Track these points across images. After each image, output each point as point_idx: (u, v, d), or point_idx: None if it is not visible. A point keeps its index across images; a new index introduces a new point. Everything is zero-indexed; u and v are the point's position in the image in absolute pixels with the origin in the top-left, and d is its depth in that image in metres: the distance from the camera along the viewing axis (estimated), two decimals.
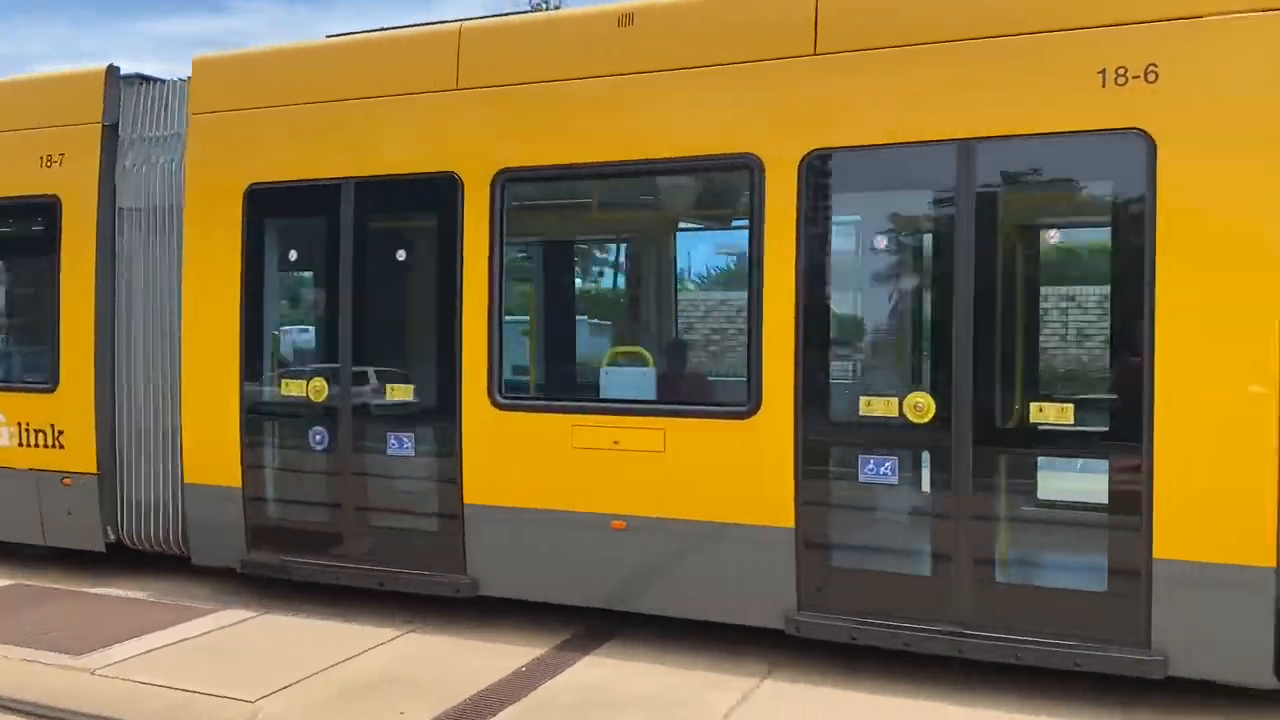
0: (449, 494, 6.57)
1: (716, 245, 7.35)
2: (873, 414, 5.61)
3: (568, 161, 6.34)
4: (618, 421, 6.19)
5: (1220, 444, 4.93)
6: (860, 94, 5.61)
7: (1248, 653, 4.92)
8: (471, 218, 6.42)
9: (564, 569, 6.28)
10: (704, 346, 7.61)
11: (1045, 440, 5.37)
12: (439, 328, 6.63)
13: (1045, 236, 5.66)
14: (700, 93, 5.92)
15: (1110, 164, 5.29)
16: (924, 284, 6.08)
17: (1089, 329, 5.42)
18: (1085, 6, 5.21)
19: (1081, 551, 5.49)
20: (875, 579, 5.77)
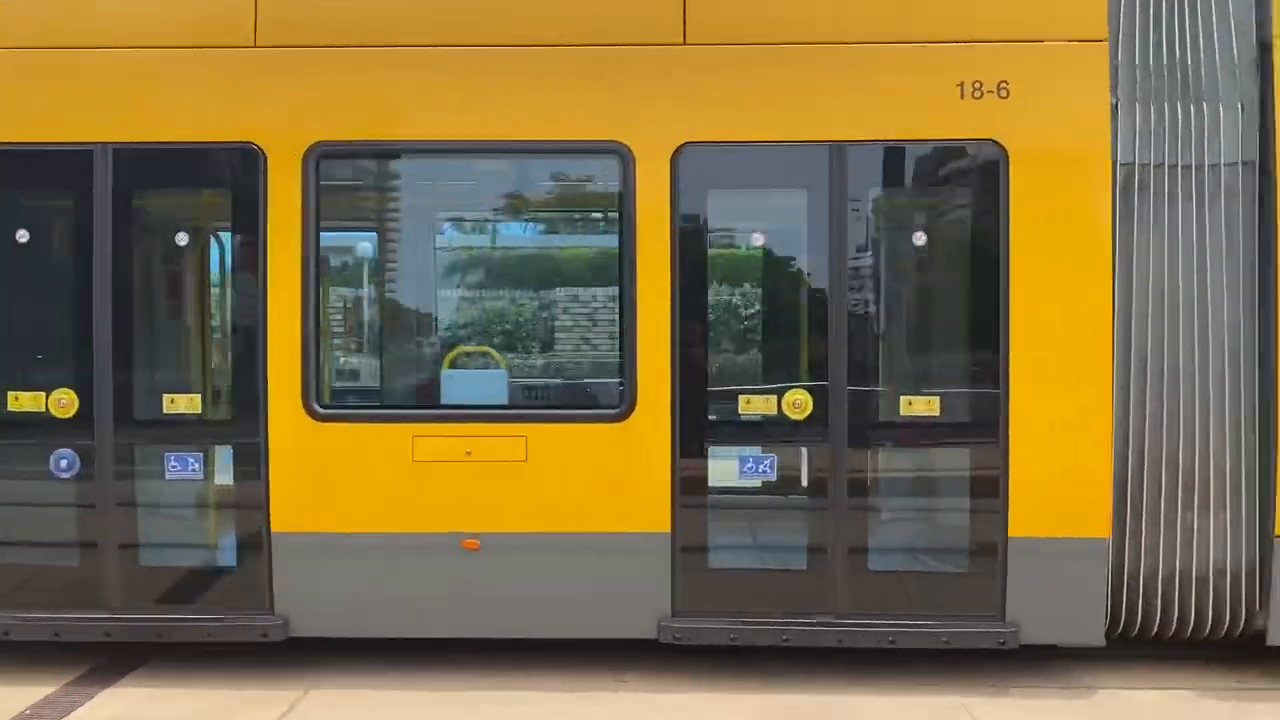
0: (251, 522, 5.62)
1: (581, 237, 6.89)
2: (752, 412, 5.59)
3: (398, 138, 5.68)
4: (470, 430, 5.59)
5: (1065, 431, 5.47)
6: (734, 89, 5.55)
7: (1086, 617, 5.53)
8: (277, 197, 5.51)
9: (402, 598, 5.59)
10: (567, 345, 7.09)
11: (917, 430, 5.65)
12: (235, 325, 5.73)
13: (913, 239, 5.99)
14: (564, 74, 5.56)
15: (969, 171, 5.67)
16: (787, 280, 6.15)
17: (949, 323, 5.81)
18: (946, 22, 5.54)
19: (942, 535, 5.86)
20: (752, 578, 5.76)
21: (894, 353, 5.93)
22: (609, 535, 5.57)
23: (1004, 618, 5.53)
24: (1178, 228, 5.58)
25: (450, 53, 5.56)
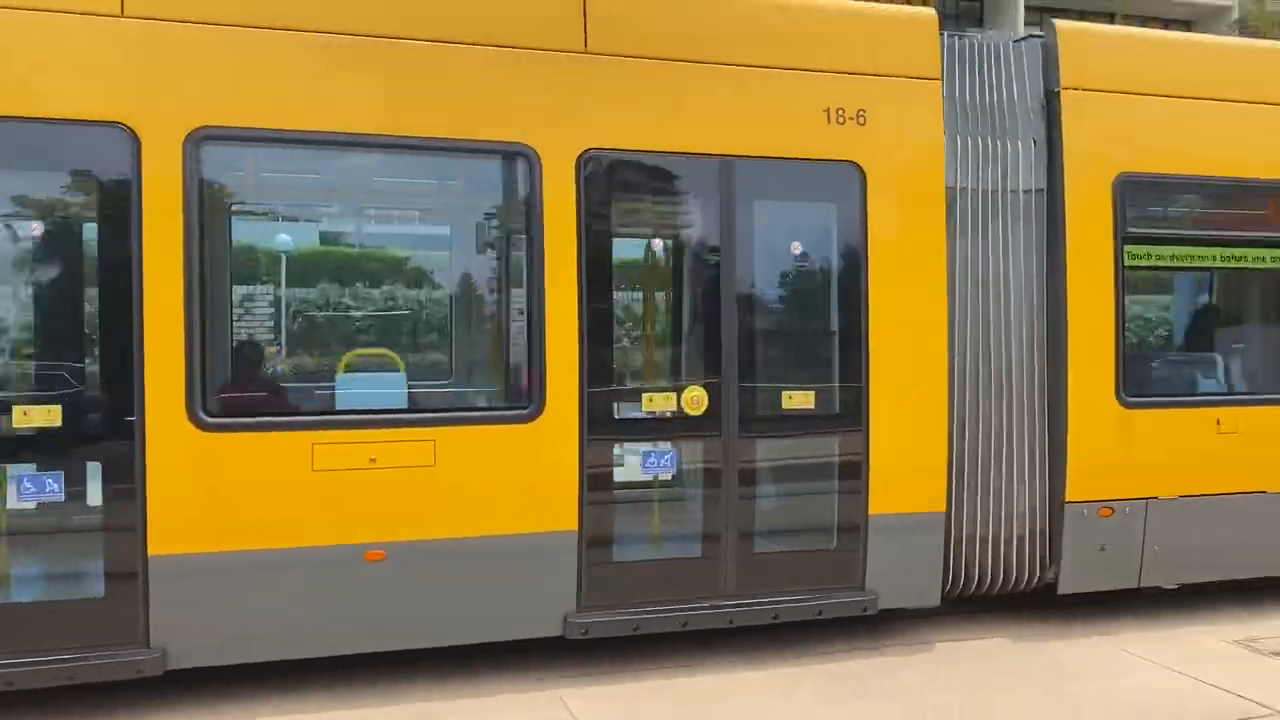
0: (123, 546, 5.07)
1: (489, 235, 6.64)
2: (654, 409, 5.89)
3: (294, 127, 5.31)
4: (375, 435, 5.39)
5: (913, 419, 6.25)
6: (636, 100, 5.83)
7: (927, 581, 6.39)
8: (153, 185, 5.05)
9: (296, 618, 5.32)
10: (474, 346, 6.81)
11: (796, 422, 6.23)
12: (104, 325, 5.13)
13: (791, 248, 6.48)
14: (473, 73, 5.57)
15: (827, 189, 6.28)
16: (684, 283, 6.50)
17: (823, 324, 6.40)
18: (816, 53, 6.21)
19: (816, 517, 6.42)
20: (653, 569, 6.07)
21: (776, 351, 6.43)
22: (517, 537, 5.60)
23: (864, 587, 6.27)
24: (990, 242, 6.60)
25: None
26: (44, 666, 4.95)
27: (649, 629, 5.85)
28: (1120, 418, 6.74)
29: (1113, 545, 6.75)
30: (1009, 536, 6.66)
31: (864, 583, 6.26)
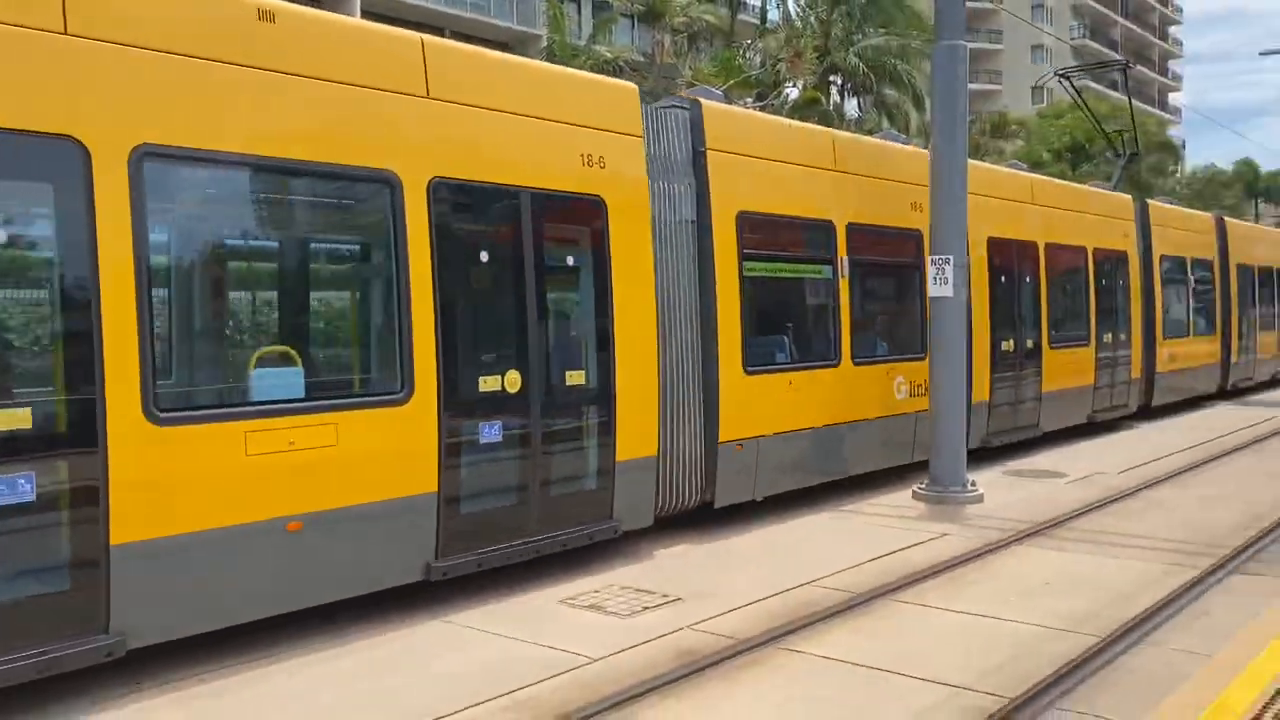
0: (87, 538, 5.41)
1: (356, 248, 7.53)
2: (488, 389, 7.46)
3: (210, 147, 6.05)
4: (293, 422, 6.21)
5: (641, 386, 8.60)
6: (468, 139, 7.39)
7: (647, 508, 8.84)
8: (104, 196, 5.47)
9: (235, 587, 6.04)
10: (354, 342, 7.59)
11: (574, 394, 8.17)
12: (67, 328, 5.51)
13: (566, 260, 8.41)
14: (338, 106, 6.63)
15: (589, 213, 8.30)
16: (506, 288, 7.88)
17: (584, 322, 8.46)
18: (578, 112, 8.24)
19: (582, 465, 8.28)
20: (489, 518, 7.54)
21: (561, 340, 8.39)
22: (396, 500, 6.77)
23: (613, 517, 8.31)
24: (671, 256, 9.05)
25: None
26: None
27: (488, 565, 7.42)
28: (744, 382, 9.67)
29: (743, 470, 9.72)
30: (688, 470, 9.26)
31: (613, 514, 8.33)
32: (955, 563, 7.99)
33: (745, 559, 8.33)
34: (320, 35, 6.59)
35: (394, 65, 6.93)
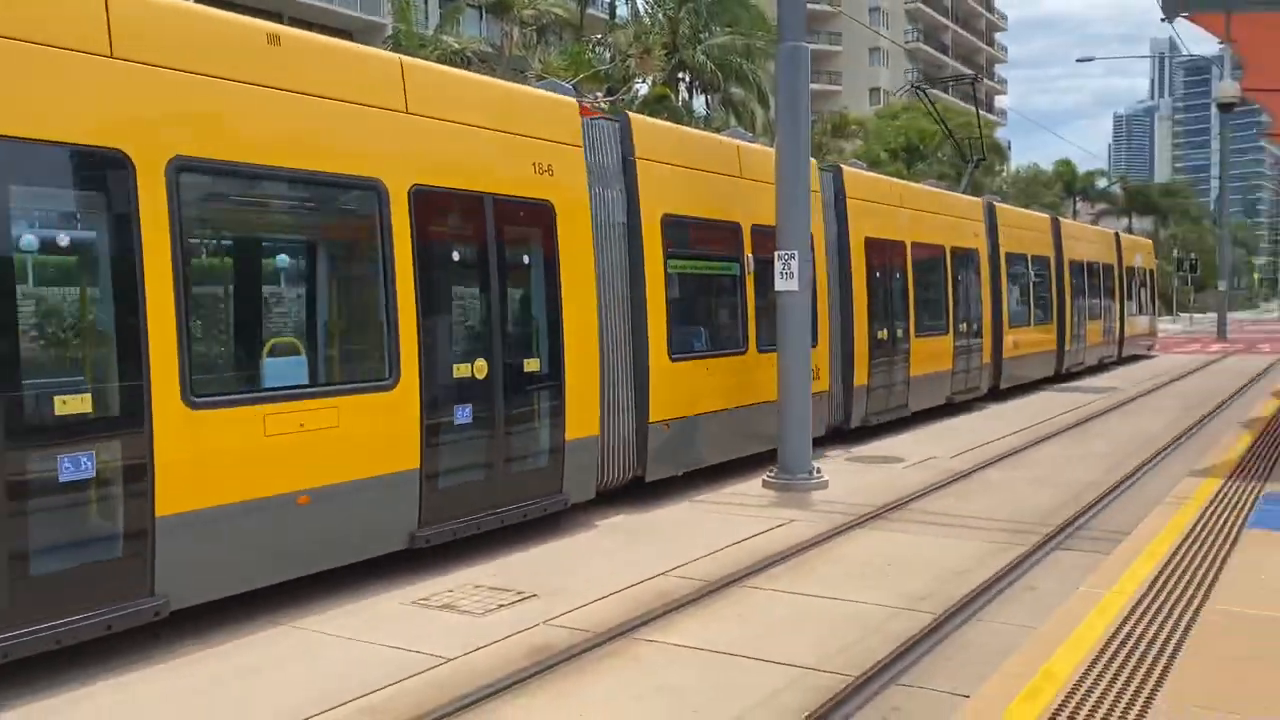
0: (136, 511, 5.93)
1: (350, 249, 8.12)
2: (460, 376, 8.05)
3: (247, 160, 6.64)
4: (302, 405, 6.82)
5: (585, 373, 9.30)
6: (443, 151, 8.00)
7: (590, 482, 9.49)
8: (146, 204, 5.98)
9: (256, 555, 6.59)
10: (349, 334, 8.17)
11: (533, 379, 8.81)
12: (118, 323, 5.99)
13: (522, 259, 9.08)
14: (330, 118, 7.15)
15: (535, 219, 8.83)
16: (476, 286, 8.52)
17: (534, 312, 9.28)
18: (531, 126, 8.86)
19: (531, 445, 8.81)
20: (456, 491, 8.01)
21: (518, 333, 8.95)
22: (385, 475, 7.37)
23: (562, 490, 8.95)
24: (609, 254, 9.79)
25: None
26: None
27: (463, 534, 8.05)
28: (669, 368, 10.42)
29: (669, 448, 10.49)
30: (623, 448, 9.98)
31: (563, 488, 8.99)
32: (803, 548, 8.24)
33: (599, 552, 8.38)
34: (318, 56, 7.21)
35: (378, 83, 7.52)
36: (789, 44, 10.95)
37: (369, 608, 6.91)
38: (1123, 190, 74.17)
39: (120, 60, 5.88)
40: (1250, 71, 13.07)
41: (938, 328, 16.89)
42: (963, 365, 17.72)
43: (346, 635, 6.33)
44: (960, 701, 4.80)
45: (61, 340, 6.17)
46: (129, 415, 5.90)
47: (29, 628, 5.36)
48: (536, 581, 7.39)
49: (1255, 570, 6.58)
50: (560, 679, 5.57)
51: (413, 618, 6.67)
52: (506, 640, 6.15)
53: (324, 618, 6.69)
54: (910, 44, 78.80)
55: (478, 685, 5.43)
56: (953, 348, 17.36)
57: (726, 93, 33.99)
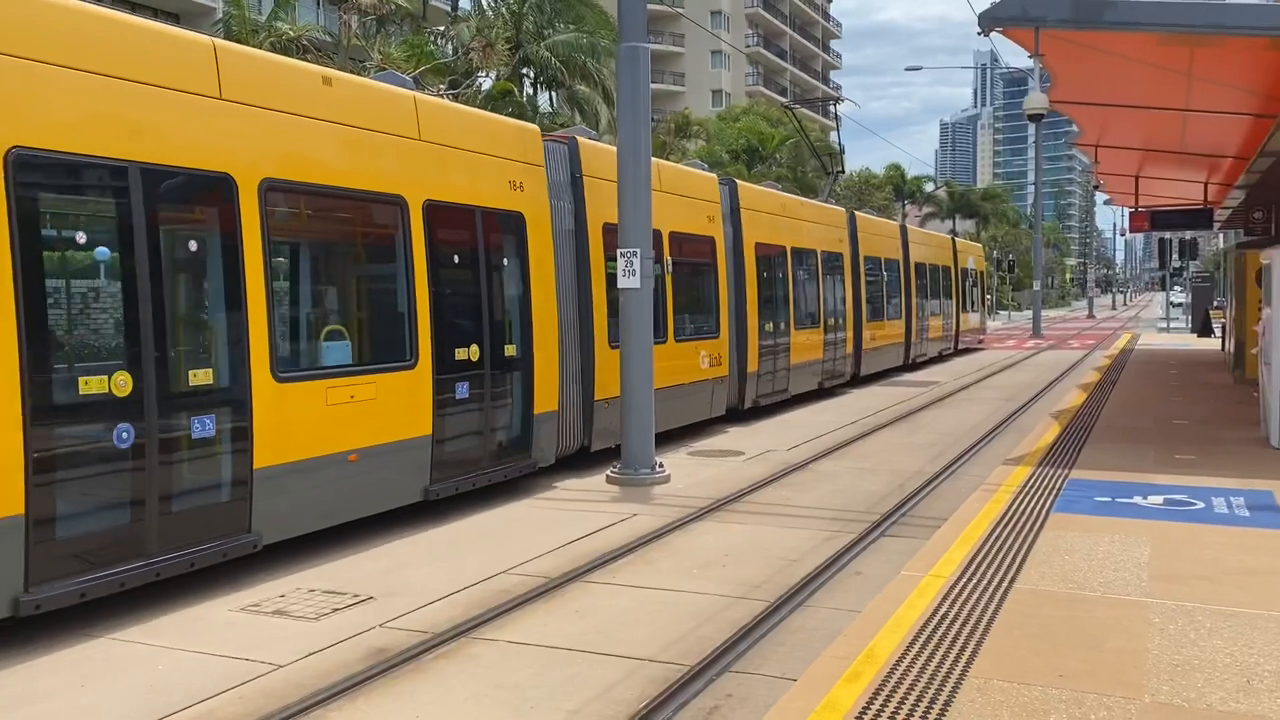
0: (240, 464, 7.30)
1: (381, 253, 9.46)
2: (460, 358, 9.56)
3: (312, 180, 8.15)
4: (352, 380, 8.33)
5: (548, 359, 10.90)
6: (447, 170, 9.62)
7: (551, 449, 11.02)
8: (246, 217, 7.39)
9: (318, 503, 8.00)
10: (381, 323, 9.43)
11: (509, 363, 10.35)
12: (228, 313, 7.39)
13: (503, 262, 10.54)
14: (366, 145, 8.66)
15: (511, 228, 10.54)
16: (479, 282, 10.09)
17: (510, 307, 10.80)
18: (505, 149, 10.46)
19: (472, 424, 9.89)
20: (461, 454, 9.63)
21: (503, 322, 10.36)
22: (408, 439, 8.90)
23: (530, 456, 10.62)
24: (563, 257, 11.31)
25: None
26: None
27: (463, 489, 9.57)
28: (609, 354, 11.81)
29: (609, 422, 11.89)
30: (575, 422, 11.51)
31: (531, 453, 10.62)
32: (643, 541, 8.37)
33: (438, 553, 8.28)
34: (356, 92, 8.68)
35: (399, 114, 9.02)
36: (629, 45, 11.08)
37: (195, 617, 6.64)
38: (948, 194, 78.00)
39: (226, 101, 7.30)
40: (1058, 84, 13.96)
41: (812, 322, 19.02)
42: (831, 355, 19.94)
43: (170, 645, 6.07)
44: (789, 685, 4.98)
45: (194, 325, 7.52)
46: (237, 386, 7.30)
47: (172, 554, 6.77)
48: (374, 584, 7.25)
49: (1059, 552, 7.06)
50: (397, 681, 5.50)
51: (243, 625, 6.45)
52: (342, 644, 6.03)
53: (146, 628, 6.39)
54: (750, 48, 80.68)
55: (311, 691, 5.30)
56: (824, 340, 19.54)
57: (572, 90, 33.99)
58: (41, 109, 6.05)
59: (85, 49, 6.33)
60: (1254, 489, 9.08)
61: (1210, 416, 14.16)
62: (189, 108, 7.01)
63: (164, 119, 6.81)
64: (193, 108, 7.04)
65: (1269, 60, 11.53)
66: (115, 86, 6.50)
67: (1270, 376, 11.69)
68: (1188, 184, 23.62)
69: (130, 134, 6.56)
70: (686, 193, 14.36)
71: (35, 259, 5.95)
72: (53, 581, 6.04)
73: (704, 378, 14.49)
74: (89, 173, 6.53)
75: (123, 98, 6.54)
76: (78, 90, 6.26)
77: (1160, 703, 4.51)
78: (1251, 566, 6.67)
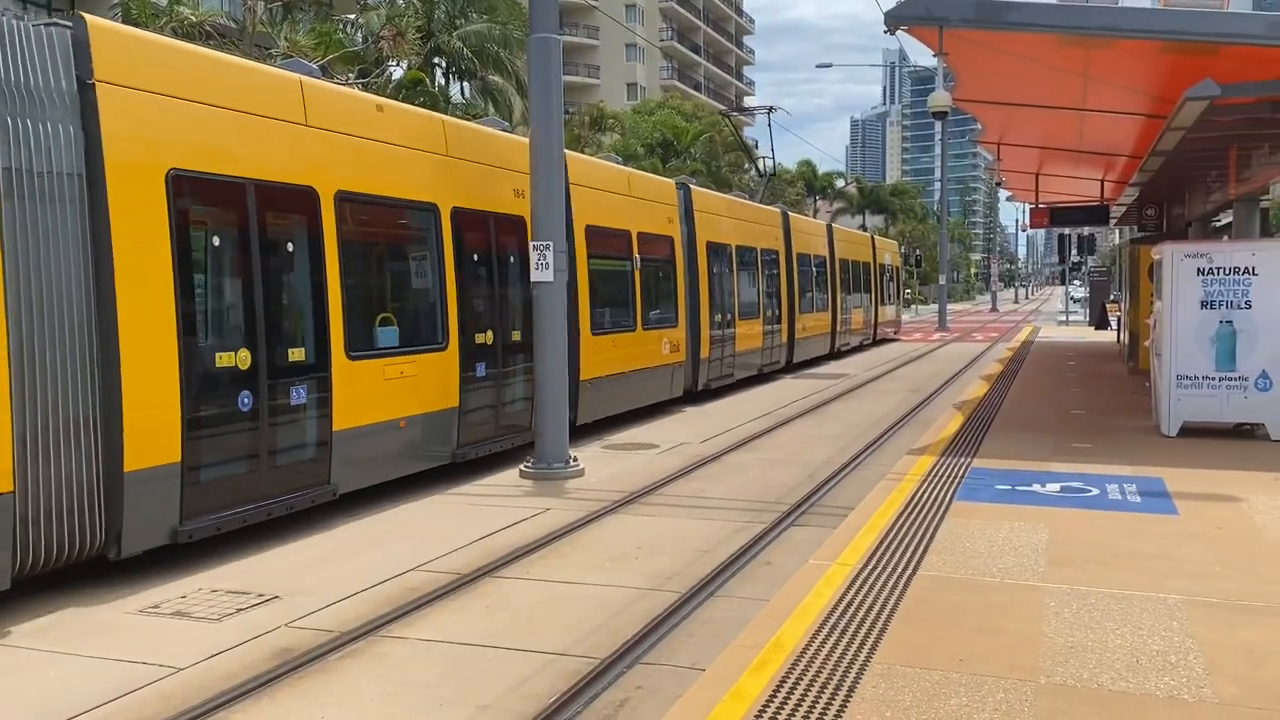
0: (322, 426, 8.86)
1: (419, 253, 10.81)
2: (479, 342, 11.23)
3: (371, 191, 9.75)
4: (401, 359, 9.93)
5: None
6: (469, 181, 11.28)
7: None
8: (326, 224, 8.99)
9: (377, 461, 9.67)
10: (420, 311, 10.84)
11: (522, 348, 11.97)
12: (314, 304, 8.97)
13: (510, 260, 12.05)
14: (408, 161, 10.28)
15: (516, 230, 11.97)
16: (495, 279, 11.74)
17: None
18: (509, 160, 11.96)
19: (489, 399, 11.48)
20: (481, 424, 11.26)
21: (507, 312, 11.80)
22: (441, 410, 10.55)
23: (529, 429, 11.72)
24: None
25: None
26: None
27: (486, 451, 11.30)
28: (592, 340, 13.72)
29: (591, 400, 13.56)
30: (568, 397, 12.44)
31: (531, 427, 11.73)
32: (556, 535, 8.35)
33: (345, 550, 8.14)
34: (400, 116, 10.47)
35: (431, 133, 10.66)
36: (539, 36, 11.01)
37: (90, 619, 6.42)
38: (857, 190, 79.36)
39: (310, 127, 8.89)
40: (961, 83, 14.31)
41: (753, 313, 20.85)
42: (769, 343, 21.88)
43: (63, 650, 5.85)
44: (698, 675, 5.02)
45: (292, 311, 8.90)
46: (322, 363, 8.83)
47: (277, 498, 8.32)
48: (280, 583, 7.10)
49: (960, 539, 7.25)
50: (302, 681, 5.39)
51: (140, 627, 6.26)
52: (245, 645, 5.89)
53: (37, 633, 6.15)
54: (665, 42, 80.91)
55: (213, 694, 5.17)
56: (762, 330, 21.36)
57: (485, 80, 33.64)
58: (188, 138, 7.68)
59: (213, 87, 7.96)
60: (1145, 476, 9.45)
61: (1106, 406, 14.69)
62: (285, 133, 8.61)
63: (268, 142, 8.41)
64: (287, 133, 8.64)
65: (1160, 63, 11.99)
66: (237, 118, 8.13)
67: (1161, 367, 12.18)
68: (1085, 181, 24.44)
69: (245, 156, 8.15)
70: (651, 197, 16.37)
71: (187, 260, 7.61)
72: (198, 517, 7.57)
73: (666, 362, 16.40)
74: (220, 189, 8.00)
75: (240, 126, 8.17)
76: (210, 121, 7.89)
77: (1055, 684, 4.67)
78: (1142, 550, 6.94)
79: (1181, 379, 11.72)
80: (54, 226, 6.66)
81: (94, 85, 6.93)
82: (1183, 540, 7.19)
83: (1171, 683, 4.66)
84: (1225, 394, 11.58)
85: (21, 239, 6.44)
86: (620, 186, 15.41)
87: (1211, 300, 11.59)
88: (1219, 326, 11.56)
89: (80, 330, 6.79)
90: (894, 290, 38.11)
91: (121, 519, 6.98)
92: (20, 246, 6.43)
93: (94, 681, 5.35)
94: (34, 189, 6.56)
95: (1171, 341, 11.78)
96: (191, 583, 7.12)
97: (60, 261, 6.69)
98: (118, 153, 7.02)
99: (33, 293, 6.50)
